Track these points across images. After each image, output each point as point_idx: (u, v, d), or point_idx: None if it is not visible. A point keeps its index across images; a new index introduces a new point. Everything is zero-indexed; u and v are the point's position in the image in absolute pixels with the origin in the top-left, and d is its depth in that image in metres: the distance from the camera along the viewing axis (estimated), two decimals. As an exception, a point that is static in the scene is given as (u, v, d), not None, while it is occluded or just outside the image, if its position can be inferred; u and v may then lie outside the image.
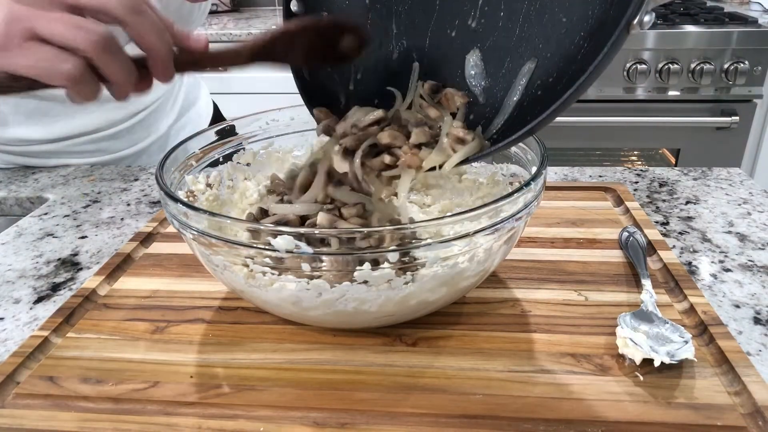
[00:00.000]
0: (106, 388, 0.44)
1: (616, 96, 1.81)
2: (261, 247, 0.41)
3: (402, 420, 0.40)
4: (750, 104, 1.77)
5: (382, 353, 0.46)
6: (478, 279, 0.48)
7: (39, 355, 0.47)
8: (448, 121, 0.49)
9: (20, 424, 0.41)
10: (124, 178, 0.84)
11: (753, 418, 0.39)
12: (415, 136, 0.48)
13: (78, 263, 0.62)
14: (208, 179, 0.57)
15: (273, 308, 0.46)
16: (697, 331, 0.47)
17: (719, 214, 0.67)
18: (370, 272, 0.41)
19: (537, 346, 0.46)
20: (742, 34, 1.70)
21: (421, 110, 0.51)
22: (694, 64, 1.73)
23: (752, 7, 2.08)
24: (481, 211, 0.41)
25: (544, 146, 0.50)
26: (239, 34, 1.95)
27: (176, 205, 0.44)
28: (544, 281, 0.54)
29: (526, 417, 0.40)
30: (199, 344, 0.48)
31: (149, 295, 0.54)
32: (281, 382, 0.44)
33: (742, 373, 0.42)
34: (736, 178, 0.76)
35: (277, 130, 0.63)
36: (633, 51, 1.75)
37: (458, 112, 0.50)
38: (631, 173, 0.79)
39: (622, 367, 0.44)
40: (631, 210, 0.66)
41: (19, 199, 0.81)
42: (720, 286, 0.54)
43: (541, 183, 0.46)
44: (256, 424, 0.40)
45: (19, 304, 0.55)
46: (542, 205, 0.67)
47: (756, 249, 0.60)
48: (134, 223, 0.71)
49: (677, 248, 0.61)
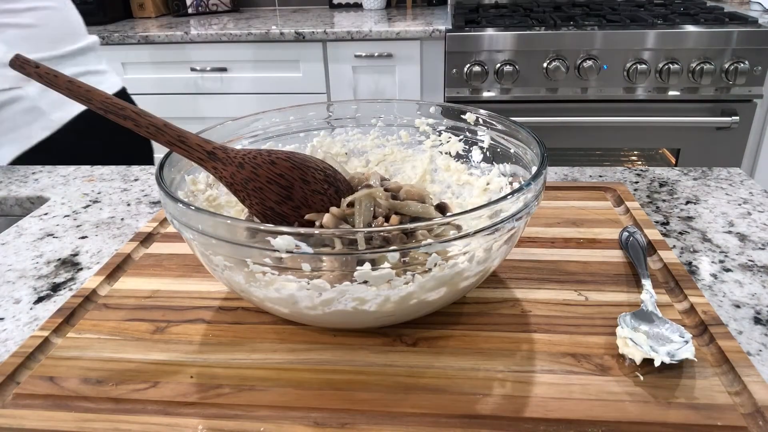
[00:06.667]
0: (106, 388, 0.44)
1: (616, 96, 1.81)
2: (261, 247, 0.41)
3: (402, 420, 0.40)
4: (750, 104, 1.77)
5: (383, 353, 0.46)
6: (478, 279, 0.48)
7: (39, 355, 0.47)
8: None
9: (20, 424, 0.41)
10: (124, 178, 0.84)
11: (753, 418, 0.39)
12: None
13: (78, 263, 0.62)
14: (208, 179, 0.57)
15: (273, 308, 0.46)
16: (697, 331, 0.47)
17: (719, 214, 0.67)
18: (370, 272, 0.41)
19: (537, 346, 0.46)
20: (742, 34, 1.70)
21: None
22: (694, 64, 1.73)
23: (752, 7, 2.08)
24: (481, 211, 0.41)
25: (544, 146, 0.50)
26: (239, 34, 1.95)
27: (176, 205, 0.44)
28: (544, 281, 0.54)
29: (526, 417, 0.40)
30: (199, 344, 0.48)
31: (149, 296, 0.54)
32: (281, 382, 0.44)
33: (743, 373, 0.42)
34: (737, 178, 0.76)
35: (277, 131, 0.63)
36: (633, 51, 1.75)
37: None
38: (631, 173, 0.79)
39: (622, 367, 0.44)
40: (631, 210, 0.66)
41: (19, 199, 0.81)
42: (720, 286, 0.54)
43: (541, 183, 0.46)
44: (256, 424, 0.40)
45: (20, 304, 0.55)
46: (542, 205, 0.67)
47: (756, 249, 0.60)
48: (134, 223, 0.71)
49: (677, 248, 0.61)
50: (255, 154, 0.50)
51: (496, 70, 1.80)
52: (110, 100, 0.47)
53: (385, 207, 0.51)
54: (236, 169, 0.49)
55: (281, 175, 0.50)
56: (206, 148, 0.49)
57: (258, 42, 1.96)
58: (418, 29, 1.87)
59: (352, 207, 0.51)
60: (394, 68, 1.95)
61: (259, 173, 0.50)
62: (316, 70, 1.98)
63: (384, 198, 0.52)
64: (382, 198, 0.51)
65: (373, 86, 1.99)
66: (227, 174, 0.49)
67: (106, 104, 0.47)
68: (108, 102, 0.47)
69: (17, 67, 0.47)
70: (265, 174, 0.50)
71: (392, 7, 2.38)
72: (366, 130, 0.67)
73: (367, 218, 0.50)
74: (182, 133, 0.49)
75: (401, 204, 0.52)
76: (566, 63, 1.77)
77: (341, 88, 2.00)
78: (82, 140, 1.03)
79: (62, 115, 1.00)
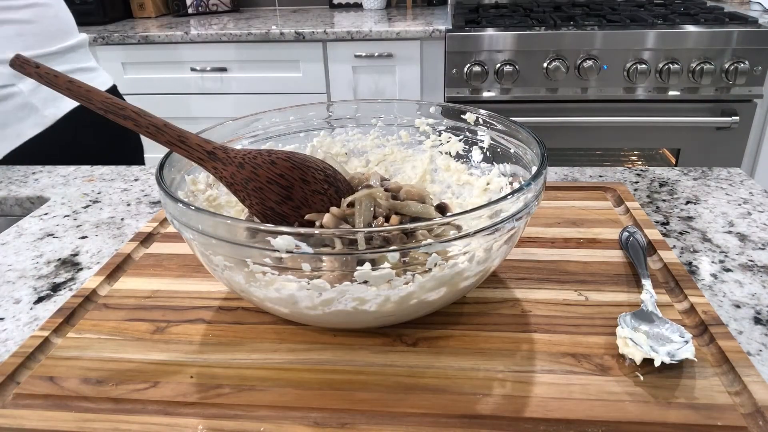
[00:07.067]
0: (106, 388, 0.44)
1: (616, 96, 1.81)
2: (261, 247, 0.41)
3: (402, 420, 0.40)
4: (750, 104, 1.77)
5: (383, 353, 0.46)
6: (478, 279, 0.48)
7: (39, 355, 0.47)
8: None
9: (20, 425, 0.41)
10: (124, 178, 0.84)
11: (753, 418, 0.39)
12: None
13: (78, 263, 0.62)
14: (208, 179, 0.57)
15: (273, 308, 0.46)
16: (697, 331, 0.47)
17: (719, 214, 0.67)
18: (370, 272, 0.41)
19: (537, 346, 0.46)
20: (742, 34, 1.70)
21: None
22: (694, 64, 1.73)
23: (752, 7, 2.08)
24: (481, 211, 0.41)
25: (544, 146, 0.50)
26: (239, 34, 1.95)
27: (176, 205, 0.44)
28: (544, 281, 0.54)
29: (526, 417, 0.40)
30: (199, 344, 0.48)
31: (149, 296, 0.54)
32: (281, 382, 0.44)
33: (743, 373, 0.42)
34: (737, 178, 0.76)
35: (277, 131, 0.63)
36: (633, 51, 1.75)
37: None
38: (631, 173, 0.79)
39: (622, 367, 0.44)
40: (631, 210, 0.66)
41: (19, 199, 0.81)
42: (720, 286, 0.54)
43: (541, 183, 0.46)
44: (256, 424, 0.40)
45: (20, 304, 0.55)
46: (542, 205, 0.67)
47: (756, 249, 0.60)
48: (134, 223, 0.71)
49: (677, 248, 0.61)
50: (255, 154, 0.50)
51: (496, 70, 1.80)
52: (110, 99, 0.47)
53: (385, 207, 0.51)
54: (236, 169, 0.49)
55: (281, 175, 0.50)
56: (206, 148, 0.49)
57: (258, 42, 1.96)
58: (418, 29, 1.87)
59: (352, 207, 0.51)
60: (394, 68, 1.95)
61: (259, 173, 0.50)
62: (316, 70, 1.98)
63: (384, 198, 0.52)
64: (382, 198, 0.51)
65: (373, 86, 1.99)
66: (227, 174, 0.49)
67: (106, 104, 0.47)
68: (108, 102, 0.47)
69: (17, 66, 0.47)
70: (265, 174, 0.50)
71: (392, 7, 2.38)
72: (366, 130, 0.67)
73: (367, 218, 0.50)
74: (182, 133, 0.49)
75: (401, 204, 0.52)
76: (566, 63, 1.77)
77: (341, 88, 2.00)
78: (75, 136, 1.04)
79: (55, 111, 1.01)
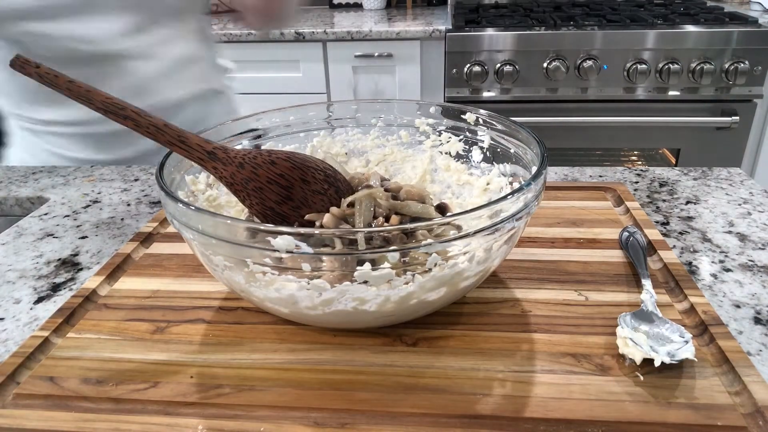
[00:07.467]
0: (106, 388, 0.44)
1: (616, 96, 1.81)
2: (261, 247, 0.41)
3: (402, 420, 0.40)
4: (750, 104, 1.77)
5: (383, 353, 0.46)
6: (478, 279, 0.48)
7: (39, 355, 0.47)
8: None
9: (20, 425, 0.41)
10: (124, 178, 0.84)
11: (753, 418, 0.39)
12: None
13: (78, 263, 0.62)
14: (208, 179, 0.57)
15: (273, 308, 0.46)
16: (697, 331, 0.47)
17: (719, 214, 0.67)
18: (370, 272, 0.41)
19: (537, 346, 0.46)
20: (742, 34, 1.70)
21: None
22: (694, 64, 1.73)
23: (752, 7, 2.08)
24: (481, 211, 0.41)
25: (544, 146, 0.50)
26: (239, 34, 1.95)
27: (176, 205, 0.44)
28: (544, 281, 0.54)
29: (526, 417, 0.40)
30: (199, 344, 0.48)
31: (149, 296, 0.54)
32: (281, 382, 0.44)
33: (743, 373, 0.42)
34: (737, 178, 0.76)
35: (278, 131, 0.63)
36: (633, 51, 1.75)
37: None
38: (631, 173, 0.79)
39: (622, 367, 0.44)
40: (631, 210, 0.66)
41: (19, 199, 0.81)
42: (720, 286, 0.54)
43: (541, 183, 0.46)
44: (256, 424, 0.40)
45: (20, 304, 0.55)
46: (542, 205, 0.67)
47: (756, 249, 0.60)
48: (134, 223, 0.71)
49: (677, 248, 0.61)
50: (255, 154, 0.50)
51: (496, 70, 1.80)
52: (111, 99, 0.47)
53: (386, 207, 0.51)
54: (236, 169, 0.49)
55: (281, 175, 0.50)
56: (206, 148, 0.49)
57: (258, 42, 1.96)
58: (418, 29, 1.87)
59: (352, 207, 0.51)
60: (394, 68, 1.95)
61: (259, 173, 0.50)
62: (316, 70, 1.98)
63: (384, 198, 0.52)
64: (382, 198, 0.51)
65: (373, 86, 1.99)
66: (227, 174, 0.49)
67: (106, 104, 0.47)
68: (108, 102, 0.47)
69: (18, 67, 0.47)
70: (265, 174, 0.50)
71: (392, 7, 2.38)
72: (366, 130, 0.67)
73: (368, 218, 0.50)
74: (182, 133, 0.49)
75: (401, 204, 0.52)
76: (566, 63, 1.77)
77: (341, 88, 2.00)
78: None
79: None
